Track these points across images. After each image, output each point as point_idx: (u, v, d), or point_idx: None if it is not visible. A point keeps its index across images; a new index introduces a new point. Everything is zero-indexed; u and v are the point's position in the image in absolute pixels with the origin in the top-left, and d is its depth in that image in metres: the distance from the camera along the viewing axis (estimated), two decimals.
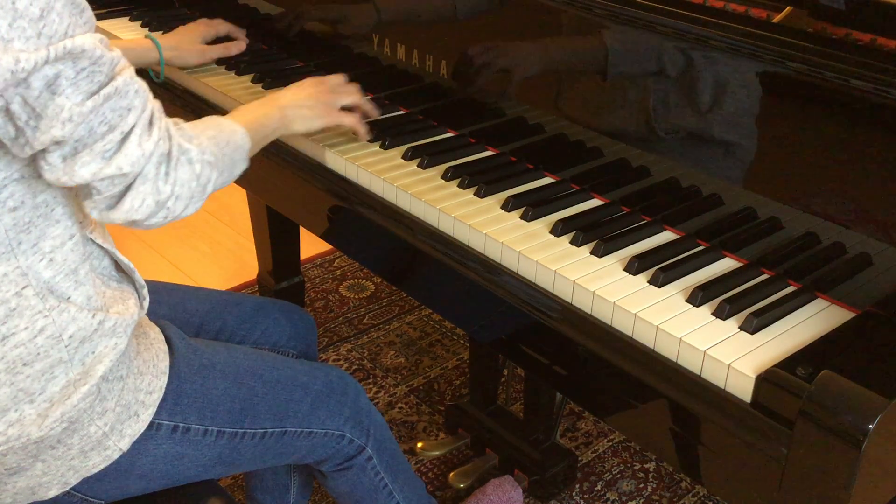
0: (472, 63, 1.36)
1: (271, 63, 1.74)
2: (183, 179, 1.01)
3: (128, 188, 0.96)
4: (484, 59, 1.35)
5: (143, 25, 1.94)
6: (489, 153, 1.41)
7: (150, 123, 0.96)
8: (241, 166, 1.17)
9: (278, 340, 1.39)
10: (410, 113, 1.53)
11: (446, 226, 1.23)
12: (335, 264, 2.71)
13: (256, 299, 1.42)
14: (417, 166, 1.35)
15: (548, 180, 1.33)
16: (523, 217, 1.22)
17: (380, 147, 1.40)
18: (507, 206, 1.24)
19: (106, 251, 1.07)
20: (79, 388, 1.00)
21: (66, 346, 0.98)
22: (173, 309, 1.31)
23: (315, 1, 1.64)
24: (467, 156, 1.39)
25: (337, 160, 1.38)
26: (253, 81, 1.65)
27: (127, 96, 0.92)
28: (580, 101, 1.27)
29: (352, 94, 1.39)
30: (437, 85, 1.45)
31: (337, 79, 1.40)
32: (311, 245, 2.66)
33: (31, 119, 0.87)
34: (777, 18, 1.06)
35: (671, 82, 1.14)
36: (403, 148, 1.39)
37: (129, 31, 1.91)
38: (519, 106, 1.35)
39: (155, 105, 0.99)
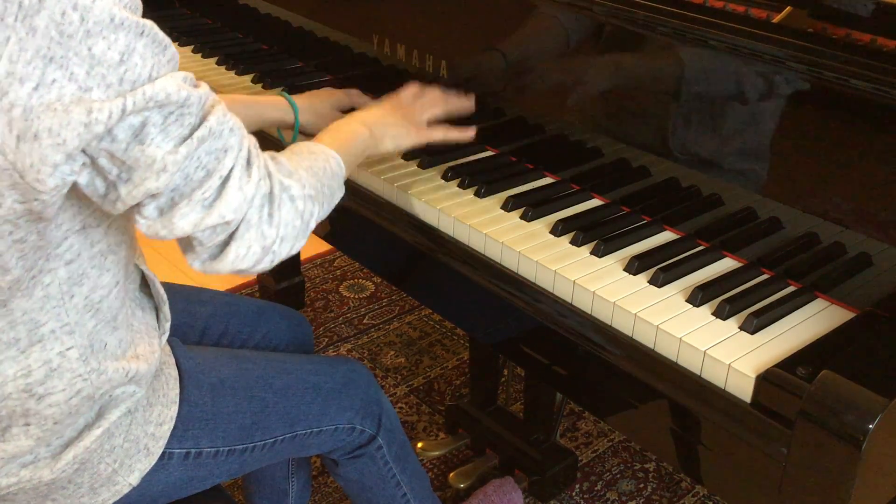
0: (474, 63, 1.36)
1: (271, 63, 1.74)
2: (287, 219, 0.93)
3: (231, 236, 0.89)
4: (487, 61, 1.35)
5: None
6: (489, 153, 1.41)
7: (249, 163, 0.89)
8: (339, 194, 1.08)
9: (278, 344, 1.39)
10: None
11: (446, 226, 1.23)
12: (335, 264, 2.71)
13: (256, 302, 1.41)
14: (417, 167, 1.35)
15: (548, 180, 1.33)
16: (523, 217, 1.22)
17: None
18: (507, 206, 1.24)
19: (145, 276, 1.04)
20: (93, 431, 0.98)
21: (95, 401, 0.97)
22: (178, 313, 1.30)
23: (315, 0, 1.64)
24: (467, 156, 1.39)
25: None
26: (253, 81, 1.65)
27: (222, 136, 0.84)
28: (579, 100, 1.27)
29: (434, 105, 1.29)
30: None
31: (413, 90, 1.30)
32: (311, 245, 2.66)
33: (123, 172, 0.81)
34: (777, 18, 1.06)
35: (670, 85, 1.14)
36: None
37: None
38: (519, 107, 1.35)
39: (251, 141, 0.91)
